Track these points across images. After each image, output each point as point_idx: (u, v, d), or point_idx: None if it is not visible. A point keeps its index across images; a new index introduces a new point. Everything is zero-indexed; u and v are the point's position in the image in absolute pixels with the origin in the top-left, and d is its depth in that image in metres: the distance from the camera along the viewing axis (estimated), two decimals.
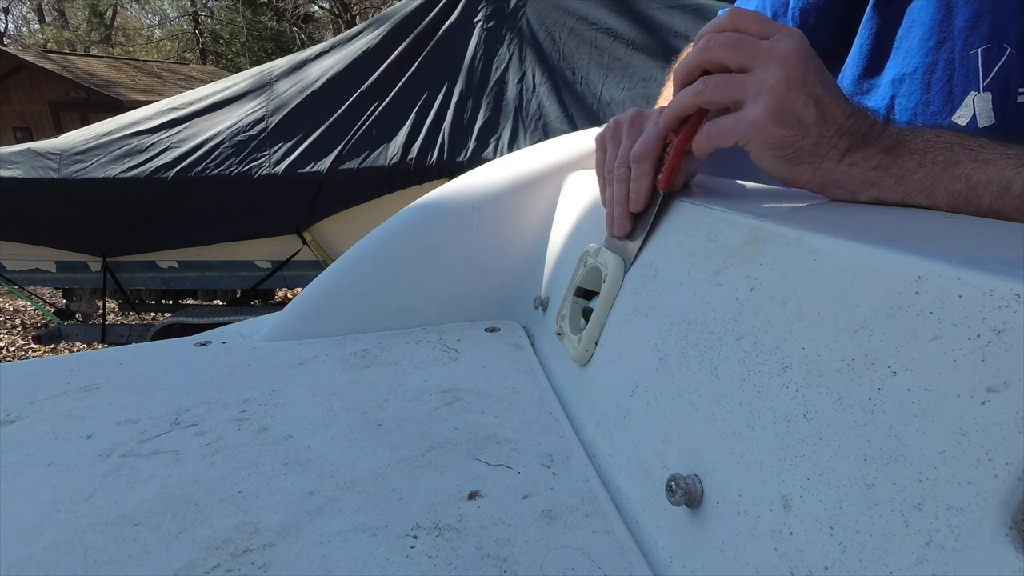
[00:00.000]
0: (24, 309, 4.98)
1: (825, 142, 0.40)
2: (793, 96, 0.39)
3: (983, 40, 0.47)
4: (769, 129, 0.40)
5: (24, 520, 0.41)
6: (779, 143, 0.40)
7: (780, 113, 0.39)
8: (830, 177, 0.41)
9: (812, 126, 0.40)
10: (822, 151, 0.40)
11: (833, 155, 0.40)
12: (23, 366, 0.67)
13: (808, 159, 0.40)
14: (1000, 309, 0.23)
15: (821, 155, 0.40)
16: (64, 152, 2.74)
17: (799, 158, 0.40)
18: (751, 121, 0.40)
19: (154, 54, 21.17)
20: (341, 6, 17.24)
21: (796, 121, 0.40)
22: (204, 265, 2.90)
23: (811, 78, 0.40)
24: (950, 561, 0.21)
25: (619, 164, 0.50)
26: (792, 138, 0.40)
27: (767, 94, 0.39)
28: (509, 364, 0.65)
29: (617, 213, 0.51)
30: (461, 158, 2.55)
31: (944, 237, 0.35)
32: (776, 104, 0.39)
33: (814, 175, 0.41)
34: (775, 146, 0.40)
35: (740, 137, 0.41)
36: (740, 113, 0.41)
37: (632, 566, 0.36)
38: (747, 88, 0.40)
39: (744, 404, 0.33)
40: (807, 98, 0.39)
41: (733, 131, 0.41)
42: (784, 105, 0.39)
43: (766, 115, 0.39)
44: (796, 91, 0.39)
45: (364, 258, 0.77)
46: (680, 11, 2.61)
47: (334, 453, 0.48)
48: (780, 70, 0.39)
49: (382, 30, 2.81)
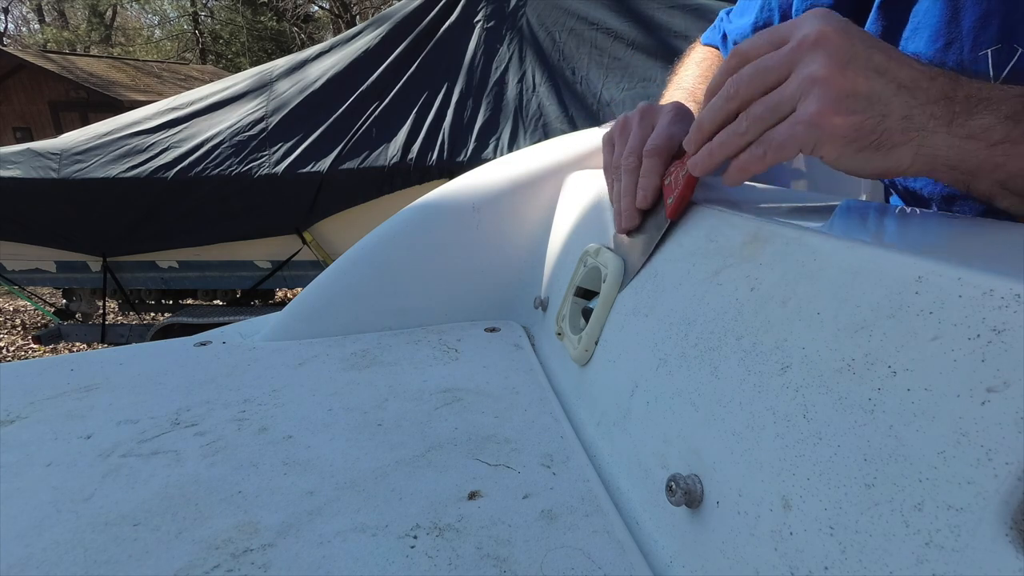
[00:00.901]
0: (24, 309, 4.98)
1: (918, 112, 0.33)
2: (850, 75, 0.33)
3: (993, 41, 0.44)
4: (835, 121, 0.33)
5: (24, 520, 0.41)
6: (856, 133, 0.33)
7: (841, 100, 0.33)
8: (939, 156, 0.33)
9: (891, 99, 0.33)
10: (917, 124, 0.33)
11: (936, 126, 0.33)
12: (23, 366, 0.67)
13: (902, 139, 0.33)
14: (1000, 309, 0.23)
15: (918, 129, 0.33)
16: (64, 152, 2.74)
17: (891, 140, 0.33)
18: (808, 121, 0.34)
19: (154, 54, 21.17)
20: (341, 6, 17.24)
21: (866, 101, 0.33)
22: (204, 265, 2.90)
23: (861, 49, 0.34)
24: (950, 561, 0.21)
25: (627, 155, 0.49)
26: (870, 122, 0.33)
27: (818, 86, 0.33)
28: (509, 364, 0.65)
29: (624, 205, 0.49)
30: (461, 158, 2.55)
31: (944, 236, 0.35)
32: (833, 91, 0.33)
33: (917, 155, 0.34)
34: (853, 139, 0.34)
35: (802, 143, 0.34)
36: (792, 116, 0.35)
37: (632, 566, 0.36)
38: (792, 93, 0.35)
39: (744, 404, 0.33)
40: (867, 72, 0.33)
41: (791, 139, 0.35)
42: (843, 89, 0.33)
43: (825, 107, 0.33)
44: (851, 68, 0.33)
45: (364, 258, 0.77)
46: (680, 11, 2.61)
47: (334, 453, 0.48)
48: (822, 54, 0.34)
49: (382, 30, 2.81)
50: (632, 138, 0.49)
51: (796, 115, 0.34)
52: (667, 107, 0.50)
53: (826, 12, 0.35)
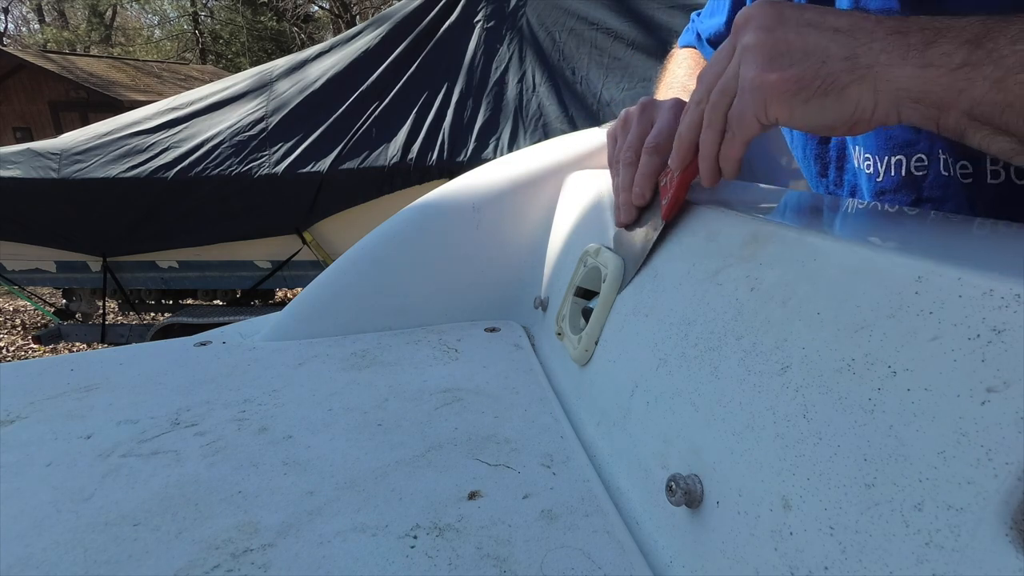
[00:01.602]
0: (24, 309, 4.98)
1: (864, 51, 0.32)
2: (779, 34, 0.34)
3: None
4: (771, 78, 0.33)
5: (24, 520, 0.41)
6: (796, 85, 0.33)
7: (774, 58, 0.34)
8: (902, 90, 0.31)
9: (828, 45, 0.33)
10: (864, 61, 0.32)
11: (890, 59, 0.31)
12: (23, 366, 0.67)
13: (850, 77, 0.32)
14: (1000, 309, 0.23)
15: (867, 66, 0.32)
16: (64, 152, 2.74)
17: (839, 81, 0.32)
18: (750, 86, 0.34)
19: (154, 54, 21.18)
20: (341, 6, 17.24)
21: (801, 53, 0.33)
22: (204, 265, 2.90)
23: (790, 12, 0.34)
24: (950, 561, 0.21)
25: (627, 148, 0.49)
26: (809, 70, 0.33)
27: (749, 52, 0.35)
28: (509, 364, 0.65)
29: (622, 200, 0.50)
30: (461, 158, 2.55)
31: (944, 236, 0.35)
32: (764, 52, 0.34)
33: (877, 92, 0.32)
34: (795, 91, 0.33)
35: (755, 110, 0.35)
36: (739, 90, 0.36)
37: (632, 566, 0.36)
38: (733, 68, 0.36)
39: (744, 404, 0.33)
40: (798, 28, 0.33)
41: (744, 110, 0.35)
42: (773, 48, 0.34)
43: (760, 68, 0.34)
44: (779, 29, 0.34)
45: (364, 258, 0.77)
46: (680, 11, 2.61)
47: (334, 453, 0.48)
48: (752, 27, 0.35)
49: (382, 30, 2.81)
50: (631, 133, 0.50)
51: (741, 86, 0.36)
52: (667, 102, 0.50)
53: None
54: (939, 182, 0.50)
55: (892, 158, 0.53)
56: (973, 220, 0.37)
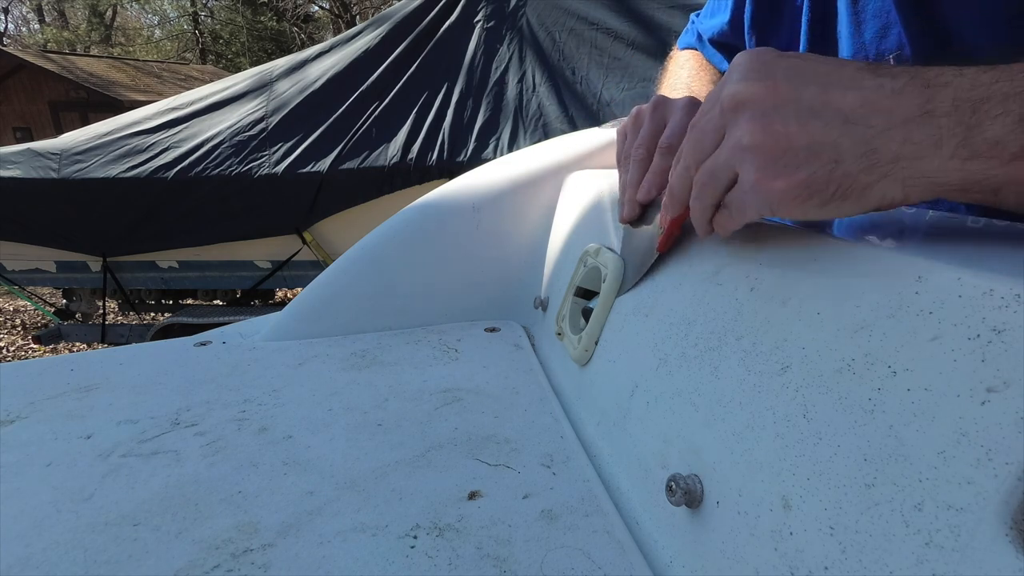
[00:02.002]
0: (24, 309, 4.98)
1: (883, 143, 0.27)
2: (778, 130, 0.29)
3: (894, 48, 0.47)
4: (776, 186, 0.30)
5: (24, 520, 0.41)
6: (807, 191, 0.29)
7: (775, 162, 0.30)
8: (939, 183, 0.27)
9: (838, 140, 0.28)
10: (887, 156, 0.27)
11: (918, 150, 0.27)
12: (23, 366, 0.67)
13: (871, 178, 0.28)
14: (1000, 309, 0.23)
15: (891, 161, 0.27)
16: (64, 152, 2.74)
17: (857, 183, 0.28)
18: (753, 189, 0.31)
19: (154, 54, 21.17)
20: (341, 6, 17.24)
21: (806, 152, 0.29)
22: (204, 265, 2.90)
23: (787, 91, 0.30)
24: (950, 561, 0.21)
25: (637, 146, 0.48)
26: (818, 174, 0.28)
27: (748, 154, 0.31)
28: (509, 364, 0.65)
29: (628, 195, 0.49)
30: (461, 158, 2.55)
31: (944, 236, 0.35)
32: (762, 157, 0.30)
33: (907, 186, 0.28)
34: (806, 196, 0.29)
35: (759, 209, 0.32)
36: (739, 184, 0.32)
37: (632, 566, 0.36)
38: (726, 160, 0.32)
39: (744, 404, 0.33)
40: (798, 118, 0.29)
41: (747, 206, 0.32)
42: (773, 151, 0.30)
43: (761, 175, 0.30)
44: (777, 122, 0.29)
45: (364, 258, 0.77)
46: (680, 11, 2.61)
47: (334, 453, 0.48)
48: (744, 116, 0.31)
49: (382, 30, 2.81)
50: (643, 130, 0.49)
51: (741, 183, 0.32)
52: (680, 101, 0.49)
53: (749, 57, 0.32)
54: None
55: None
56: (973, 220, 0.37)
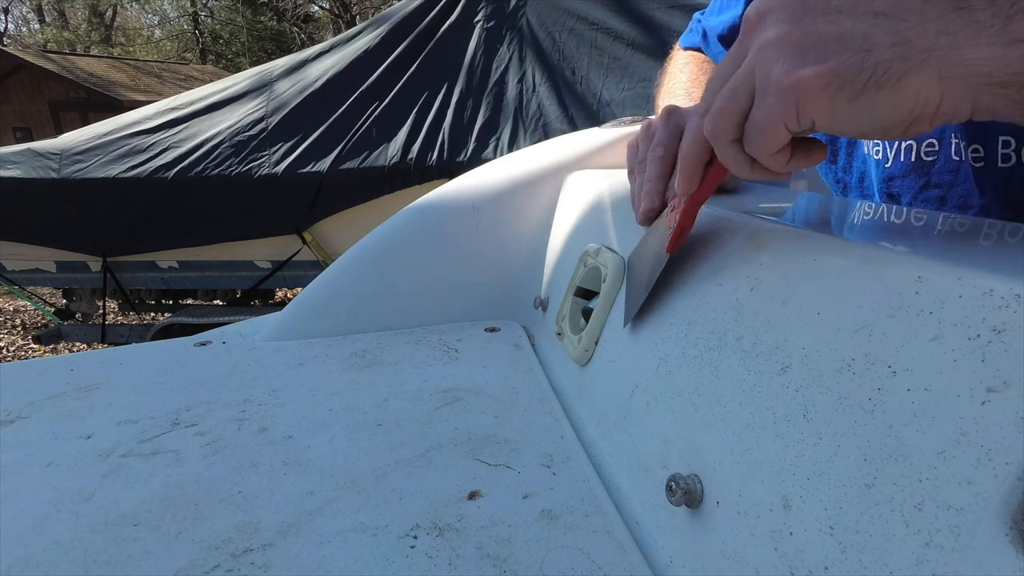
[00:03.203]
0: (24, 309, 4.98)
1: (916, 35, 0.26)
2: (807, 24, 0.28)
3: None
4: (804, 74, 0.27)
5: (24, 520, 0.41)
6: (838, 79, 0.27)
7: (805, 51, 0.27)
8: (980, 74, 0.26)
9: (869, 31, 0.26)
10: (924, 43, 0.26)
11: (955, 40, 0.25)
12: (23, 366, 0.67)
13: (905, 65, 0.26)
14: (1000, 309, 0.23)
15: (928, 48, 0.26)
16: (64, 152, 2.74)
17: (892, 70, 0.26)
18: (776, 87, 0.28)
19: (154, 54, 21.17)
20: (341, 6, 17.24)
21: (837, 42, 0.27)
22: (204, 265, 2.90)
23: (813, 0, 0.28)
24: (950, 561, 0.21)
25: (654, 147, 0.46)
26: (852, 61, 0.26)
27: (772, 49, 0.28)
28: (509, 364, 0.65)
29: (647, 190, 0.46)
30: (461, 158, 2.55)
31: (944, 236, 0.35)
32: (791, 46, 0.28)
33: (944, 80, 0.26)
34: (837, 86, 0.27)
35: (784, 115, 0.28)
36: (761, 93, 0.29)
37: (632, 566, 0.36)
38: (746, 69, 0.30)
39: (744, 404, 0.33)
40: (828, 15, 0.27)
41: (769, 115, 0.29)
42: (803, 40, 0.28)
43: (788, 65, 0.28)
44: (807, 18, 0.28)
45: (364, 258, 0.77)
46: (680, 11, 2.61)
47: (334, 453, 0.48)
48: (771, 21, 0.29)
49: (382, 30, 2.81)
50: (659, 135, 0.47)
51: (760, 92, 0.29)
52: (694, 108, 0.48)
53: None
54: (948, 167, 0.50)
55: (902, 143, 0.52)
56: (973, 220, 0.37)
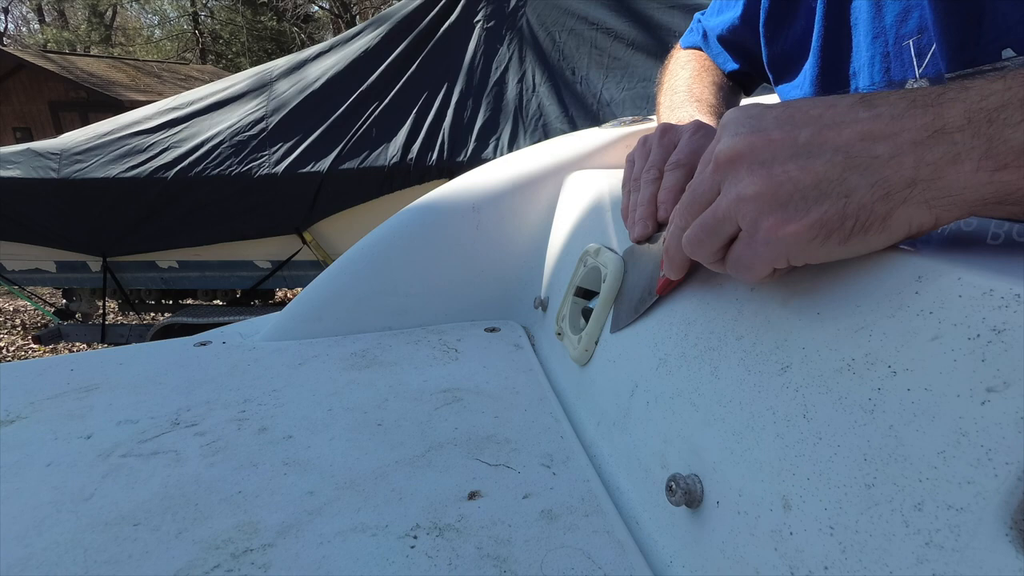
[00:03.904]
0: (24, 309, 4.98)
1: (892, 171, 0.26)
2: (779, 174, 0.28)
3: (914, 32, 0.47)
4: (789, 231, 0.28)
5: (24, 520, 0.41)
6: (823, 231, 0.27)
7: (783, 206, 0.28)
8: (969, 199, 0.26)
9: (843, 175, 0.27)
10: (900, 182, 0.26)
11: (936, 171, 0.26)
12: (23, 366, 0.67)
13: (888, 206, 0.26)
14: (1000, 309, 0.23)
15: (909, 183, 0.26)
16: (64, 152, 2.74)
17: (874, 213, 0.27)
18: (765, 240, 0.29)
19: (154, 54, 21.17)
20: (341, 6, 17.24)
21: (814, 191, 0.27)
22: (204, 265, 2.90)
23: (780, 136, 0.29)
24: (950, 561, 0.21)
25: (648, 168, 0.48)
26: (833, 211, 0.27)
27: (751, 204, 0.29)
28: (509, 364, 0.65)
29: (640, 214, 0.48)
30: (461, 158, 2.55)
31: (944, 236, 0.35)
32: (769, 202, 0.28)
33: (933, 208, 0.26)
34: (824, 236, 0.27)
35: (774, 260, 0.30)
36: (747, 236, 0.31)
37: (632, 566, 0.36)
38: (725, 212, 0.31)
39: (744, 404, 0.33)
40: (797, 159, 0.28)
41: (758, 259, 0.30)
42: (778, 195, 0.28)
43: (771, 222, 0.28)
44: (777, 166, 0.28)
45: (364, 258, 0.77)
46: (680, 11, 2.61)
47: (334, 453, 0.48)
48: (742, 169, 0.30)
49: (382, 30, 2.81)
50: (653, 155, 0.49)
51: (747, 235, 0.30)
52: (688, 125, 0.50)
53: (737, 114, 0.32)
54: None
55: None
56: (973, 220, 0.37)
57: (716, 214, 0.32)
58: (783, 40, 0.62)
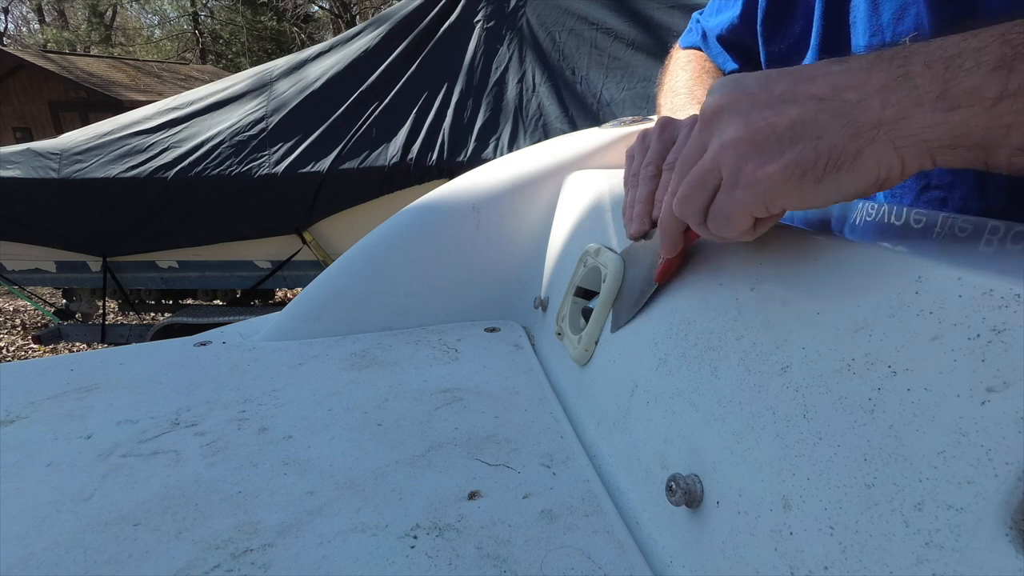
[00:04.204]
0: (24, 309, 4.98)
1: (861, 112, 0.28)
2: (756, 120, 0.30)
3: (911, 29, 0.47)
4: (768, 170, 0.30)
5: (24, 520, 0.41)
6: (798, 169, 0.29)
7: (761, 147, 0.30)
8: (930, 140, 0.27)
9: (816, 116, 0.29)
10: (868, 122, 0.28)
11: (900, 112, 0.27)
12: (23, 366, 0.67)
13: (858, 144, 0.28)
14: (1000, 309, 0.23)
15: (874, 126, 0.28)
16: (64, 152, 2.74)
17: (846, 153, 0.28)
18: (744, 183, 0.31)
19: (154, 54, 21.17)
20: (341, 6, 17.24)
21: (788, 133, 0.29)
22: (204, 265, 2.90)
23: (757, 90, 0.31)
24: (950, 561, 0.21)
25: (646, 165, 0.49)
26: (805, 150, 0.29)
27: (732, 148, 0.31)
28: (509, 364, 0.65)
29: (637, 211, 0.49)
30: (461, 158, 2.55)
31: (944, 236, 0.35)
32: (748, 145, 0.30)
33: (899, 150, 0.28)
34: (799, 176, 0.29)
35: (752, 206, 0.31)
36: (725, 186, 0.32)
37: (632, 566, 0.36)
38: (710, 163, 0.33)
39: (744, 404, 0.33)
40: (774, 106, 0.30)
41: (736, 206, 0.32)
42: (756, 137, 0.30)
43: (750, 164, 0.30)
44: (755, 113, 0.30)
45: (364, 258, 0.77)
46: (680, 11, 2.61)
47: (334, 453, 0.48)
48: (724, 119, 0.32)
49: (382, 30, 2.81)
50: (651, 151, 0.49)
51: (727, 184, 0.32)
52: (686, 120, 0.50)
53: (720, 80, 0.34)
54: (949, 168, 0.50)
55: None
56: (973, 220, 0.37)
57: (702, 167, 0.33)
58: (781, 39, 0.62)
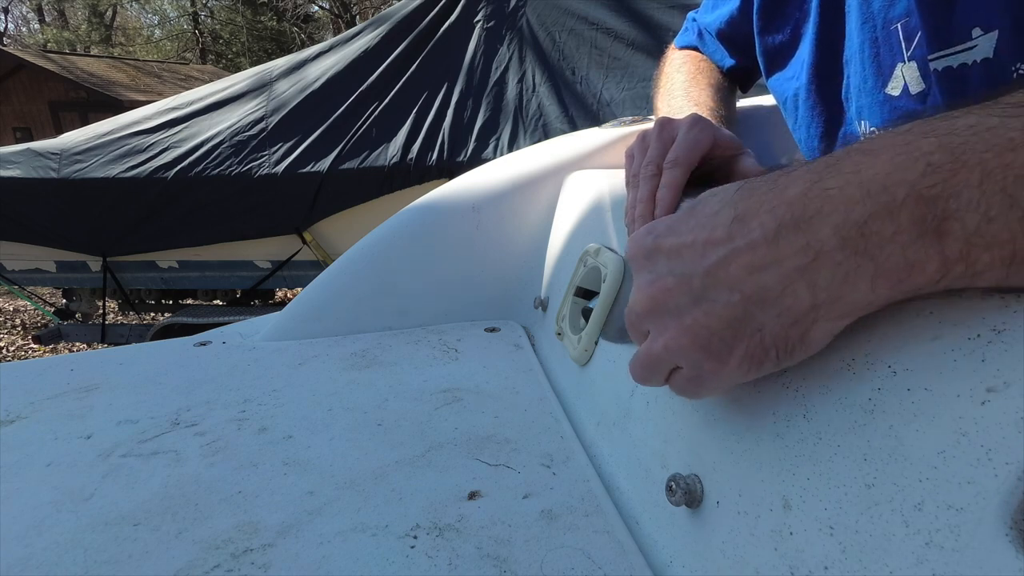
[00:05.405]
0: (24, 309, 4.98)
1: (790, 297, 0.26)
2: (686, 321, 0.28)
3: (902, 15, 0.48)
4: (729, 368, 0.28)
5: (24, 520, 0.41)
6: (753, 362, 0.28)
7: (710, 351, 0.28)
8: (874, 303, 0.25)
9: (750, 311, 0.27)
10: (804, 305, 0.25)
11: (838, 291, 0.25)
12: (23, 366, 0.67)
13: (800, 330, 0.26)
14: (1000, 309, 0.23)
15: (812, 307, 0.25)
16: (64, 152, 2.74)
17: (790, 339, 0.27)
18: (710, 379, 0.30)
19: (154, 54, 21.17)
20: (341, 6, 17.24)
21: (730, 331, 0.27)
22: (204, 265, 2.90)
23: (672, 285, 0.29)
24: (950, 561, 0.21)
25: (647, 164, 0.49)
26: (754, 345, 0.27)
27: (678, 354, 0.30)
28: (509, 364, 0.65)
29: (639, 211, 0.49)
30: (461, 158, 2.55)
31: None
32: (693, 349, 0.29)
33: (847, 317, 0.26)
34: (759, 365, 0.28)
35: (721, 390, 0.31)
36: (689, 375, 0.31)
37: (632, 566, 0.36)
38: (664, 357, 0.31)
39: (744, 404, 0.33)
40: (699, 307, 0.28)
41: (709, 390, 0.31)
42: (697, 338, 0.28)
43: (712, 367, 0.29)
44: (687, 316, 0.28)
45: (364, 258, 0.77)
46: (680, 11, 2.61)
47: (334, 453, 0.48)
48: (656, 320, 0.30)
49: (382, 30, 2.81)
50: (651, 150, 0.50)
51: (693, 379, 0.31)
52: (686, 119, 0.50)
53: (634, 257, 0.32)
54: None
55: None
56: None
57: (652, 355, 0.31)
58: (776, 30, 0.62)
